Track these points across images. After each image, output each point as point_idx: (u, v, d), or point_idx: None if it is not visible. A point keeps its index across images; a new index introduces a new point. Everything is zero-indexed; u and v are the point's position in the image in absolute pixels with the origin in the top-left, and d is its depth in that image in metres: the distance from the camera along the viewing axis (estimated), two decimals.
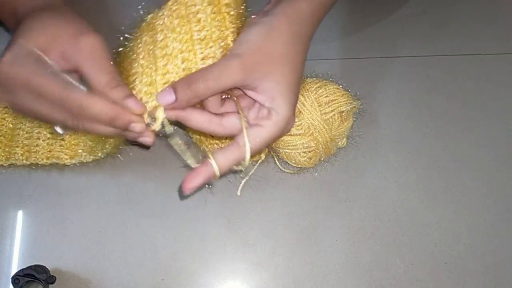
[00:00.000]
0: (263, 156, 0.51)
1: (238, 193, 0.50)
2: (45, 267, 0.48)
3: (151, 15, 0.40)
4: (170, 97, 0.35)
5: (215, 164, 0.36)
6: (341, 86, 0.50)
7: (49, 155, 0.52)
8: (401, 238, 0.51)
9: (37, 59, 0.34)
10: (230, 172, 0.38)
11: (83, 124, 0.35)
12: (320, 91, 0.48)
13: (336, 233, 0.51)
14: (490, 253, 0.50)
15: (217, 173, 0.37)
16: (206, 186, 0.38)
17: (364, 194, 0.53)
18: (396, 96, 0.59)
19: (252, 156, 0.37)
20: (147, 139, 0.37)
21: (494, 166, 0.55)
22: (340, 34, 0.64)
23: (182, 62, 0.36)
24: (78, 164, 0.53)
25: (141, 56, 0.38)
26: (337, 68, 0.61)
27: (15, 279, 0.45)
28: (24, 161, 0.52)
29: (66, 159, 0.52)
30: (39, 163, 0.52)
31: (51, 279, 0.47)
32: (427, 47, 0.62)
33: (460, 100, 0.59)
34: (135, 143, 0.43)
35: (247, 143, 0.36)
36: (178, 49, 0.36)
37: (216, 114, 0.38)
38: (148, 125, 0.36)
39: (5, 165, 0.52)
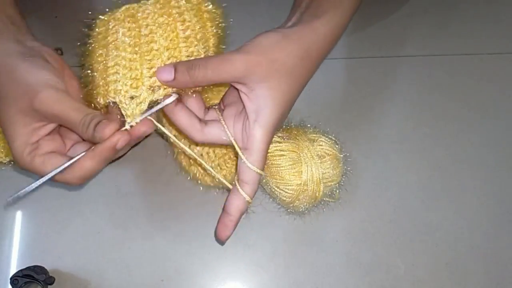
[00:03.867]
0: None
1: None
2: (44, 267, 0.48)
3: (126, 6, 0.40)
4: (169, 76, 0.36)
5: (246, 195, 0.39)
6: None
7: None
8: (402, 238, 0.51)
9: None
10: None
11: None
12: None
13: (337, 234, 0.51)
14: (491, 254, 0.50)
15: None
16: None
17: (365, 194, 0.53)
18: (397, 96, 0.58)
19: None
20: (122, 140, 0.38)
21: (495, 166, 0.54)
22: None
23: (168, 59, 0.38)
24: None
25: (121, 48, 0.38)
26: (339, 68, 0.61)
27: (14, 279, 0.45)
28: None
29: None
30: None
31: (50, 280, 0.47)
32: (428, 46, 0.62)
33: (461, 100, 0.58)
34: None
35: (251, 165, 0.38)
36: (165, 46, 0.38)
37: (199, 120, 0.39)
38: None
39: (4, 162, 0.52)
